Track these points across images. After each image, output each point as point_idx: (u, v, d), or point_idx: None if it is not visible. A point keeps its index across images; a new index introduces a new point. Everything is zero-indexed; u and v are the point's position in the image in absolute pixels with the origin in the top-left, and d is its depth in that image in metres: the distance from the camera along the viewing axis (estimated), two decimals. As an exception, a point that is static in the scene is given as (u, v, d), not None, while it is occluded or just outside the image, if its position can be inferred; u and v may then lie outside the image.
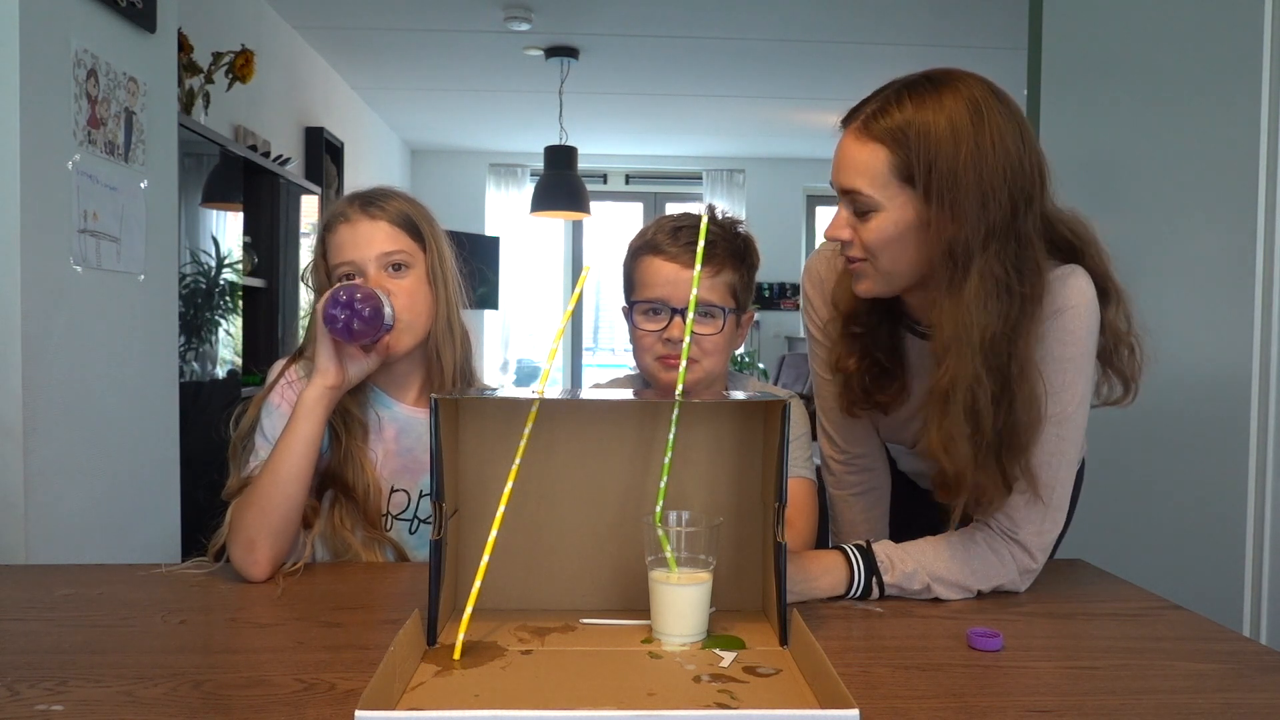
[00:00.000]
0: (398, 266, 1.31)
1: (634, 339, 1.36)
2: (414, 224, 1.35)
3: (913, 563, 1.14)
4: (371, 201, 1.34)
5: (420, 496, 1.35)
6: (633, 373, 1.48)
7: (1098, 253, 1.19)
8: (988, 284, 1.05)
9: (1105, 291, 1.18)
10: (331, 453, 1.29)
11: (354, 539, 1.28)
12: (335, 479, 1.29)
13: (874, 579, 1.14)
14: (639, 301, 1.34)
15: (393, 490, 1.34)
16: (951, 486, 1.11)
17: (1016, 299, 1.06)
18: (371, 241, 1.31)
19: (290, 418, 1.21)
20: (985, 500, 1.13)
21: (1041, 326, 1.10)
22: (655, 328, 1.31)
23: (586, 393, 1.23)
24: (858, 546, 1.16)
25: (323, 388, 1.21)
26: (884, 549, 1.15)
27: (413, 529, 1.35)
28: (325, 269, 1.33)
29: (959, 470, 1.09)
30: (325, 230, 1.34)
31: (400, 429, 1.36)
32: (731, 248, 1.34)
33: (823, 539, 1.50)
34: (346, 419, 1.29)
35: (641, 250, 1.35)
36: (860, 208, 1.10)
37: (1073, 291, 1.13)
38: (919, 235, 1.09)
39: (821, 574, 1.14)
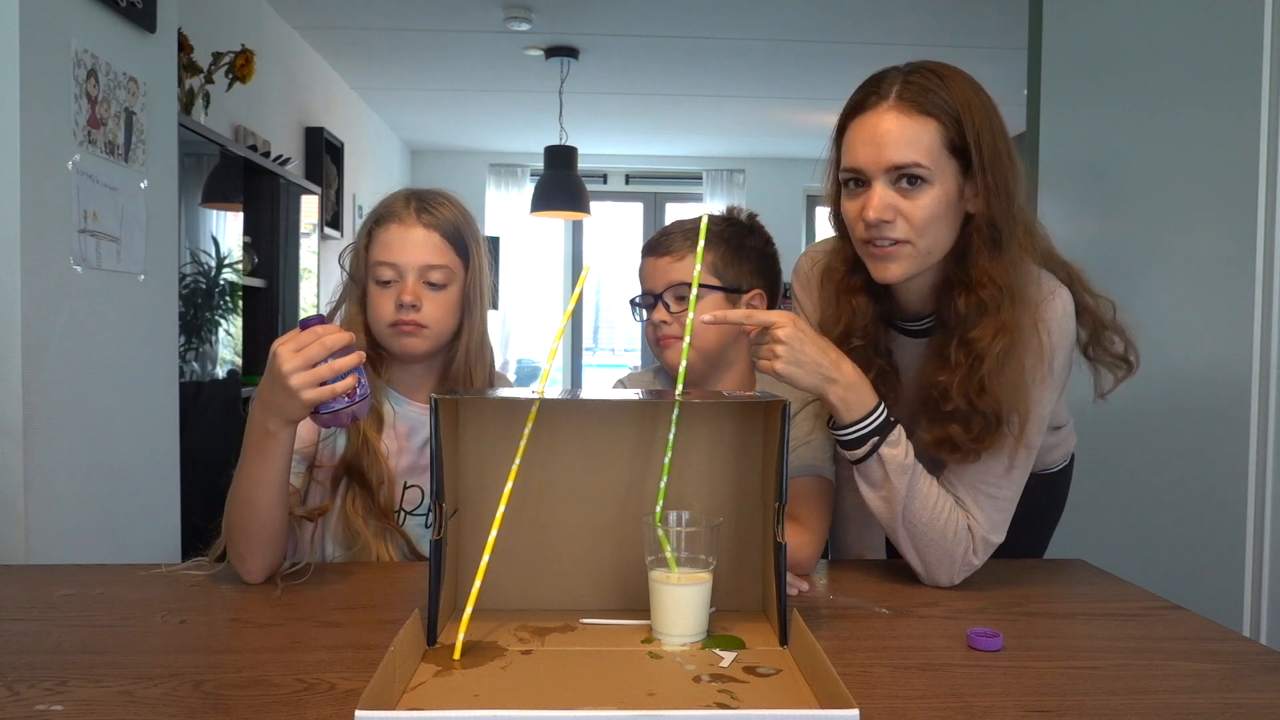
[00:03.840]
0: (434, 284, 1.32)
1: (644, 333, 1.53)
2: (461, 238, 1.36)
3: (911, 475, 1.16)
4: (427, 207, 1.34)
5: None
6: (643, 369, 1.64)
7: (1043, 235, 1.24)
8: (1024, 242, 1.14)
9: (1065, 277, 1.22)
10: (348, 443, 1.29)
11: (365, 528, 1.28)
12: (351, 469, 1.29)
13: (876, 439, 1.15)
14: (635, 298, 1.51)
15: (406, 486, 1.34)
16: (1004, 434, 1.15)
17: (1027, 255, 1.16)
18: (420, 250, 1.32)
19: (254, 450, 1.11)
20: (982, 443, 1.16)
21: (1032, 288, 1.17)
22: (646, 317, 1.47)
23: (587, 393, 1.23)
24: (891, 416, 1.17)
25: (291, 428, 1.11)
26: (904, 441, 1.16)
27: (428, 524, 1.35)
28: (366, 261, 1.34)
29: (1015, 413, 1.14)
30: (375, 223, 1.34)
31: (413, 427, 1.36)
32: (691, 235, 1.42)
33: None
34: None
35: (642, 253, 1.51)
36: (913, 182, 1.11)
37: (1056, 307, 1.17)
38: (956, 208, 1.14)
39: (850, 385, 1.14)
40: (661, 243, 1.45)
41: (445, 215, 1.35)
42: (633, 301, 1.51)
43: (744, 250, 1.43)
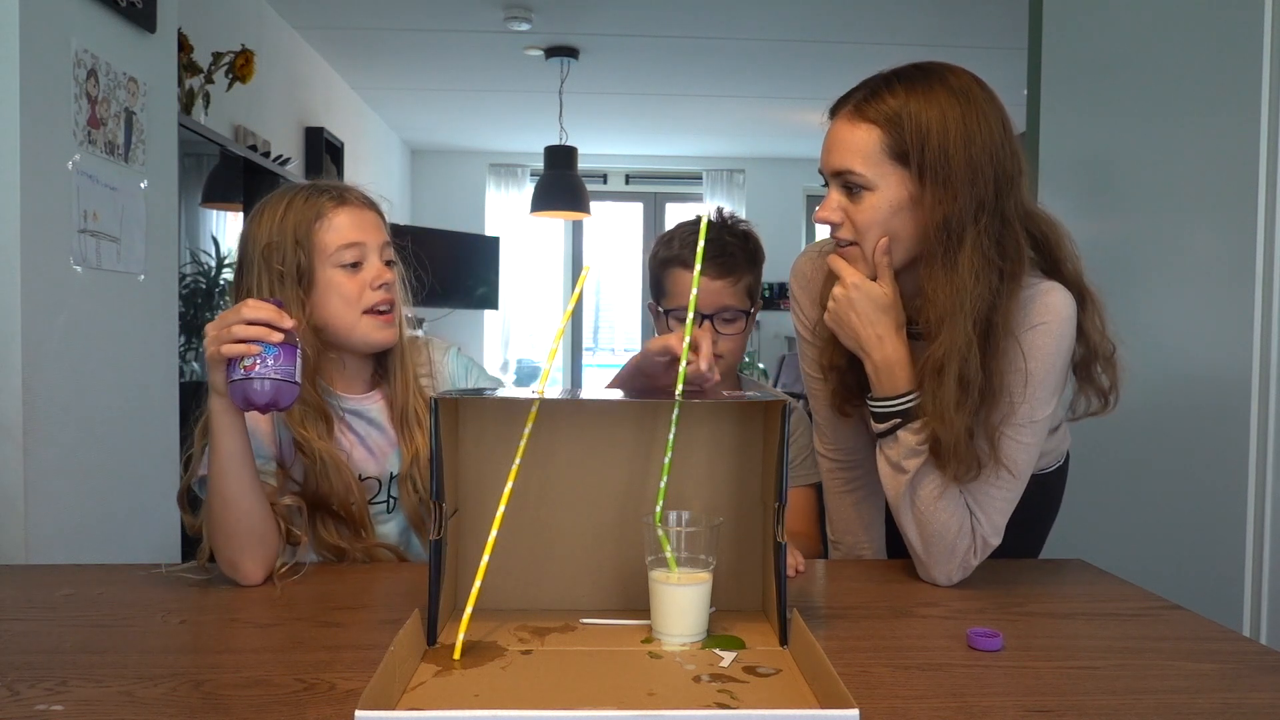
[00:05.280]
0: (389, 262, 1.33)
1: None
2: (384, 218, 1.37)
3: (925, 460, 1.16)
4: (355, 190, 1.34)
5: (391, 479, 1.34)
6: None
7: (1072, 255, 1.23)
8: (978, 256, 1.11)
9: (1079, 297, 1.20)
10: (306, 477, 1.25)
11: (347, 548, 1.27)
12: (312, 499, 1.25)
13: (899, 420, 1.17)
14: (673, 310, 1.51)
15: (362, 478, 1.32)
16: (946, 457, 1.15)
17: (998, 273, 1.12)
18: (377, 229, 1.32)
19: (210, 436, 1.13)
20: (968, 472, 1.16)
21: (1017, 304, 1.15)
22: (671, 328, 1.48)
23: (586, 393, 1.23)
24: (918, 403, 1.17)
25: (226, 401, 1.10)
26: (927, 430, 1.16)
27: (390, 509, 1.34)
28: (310, 252, 1.27)
29: (953, 439, 1.13)
30: (315, 213, 1.28)
31: (353, 419, 1.34)
32: (745, 253, 1.49)
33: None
34: (306, 422, 1.24)
35: (671, 263, 1.51)
36: (853, 188, 1.14)
37: (1051, 308, 1.16)
38: (910, 215, 1.14)
39: (881, 365, 1.17)
40: (725, 263, 1.46)
41: (371, 197, 1.36)
42: (665, 310, 1.51)
43: (761, 267, 1.53)
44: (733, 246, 1.48)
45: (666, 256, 1.52)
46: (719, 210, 1.53)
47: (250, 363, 1.05)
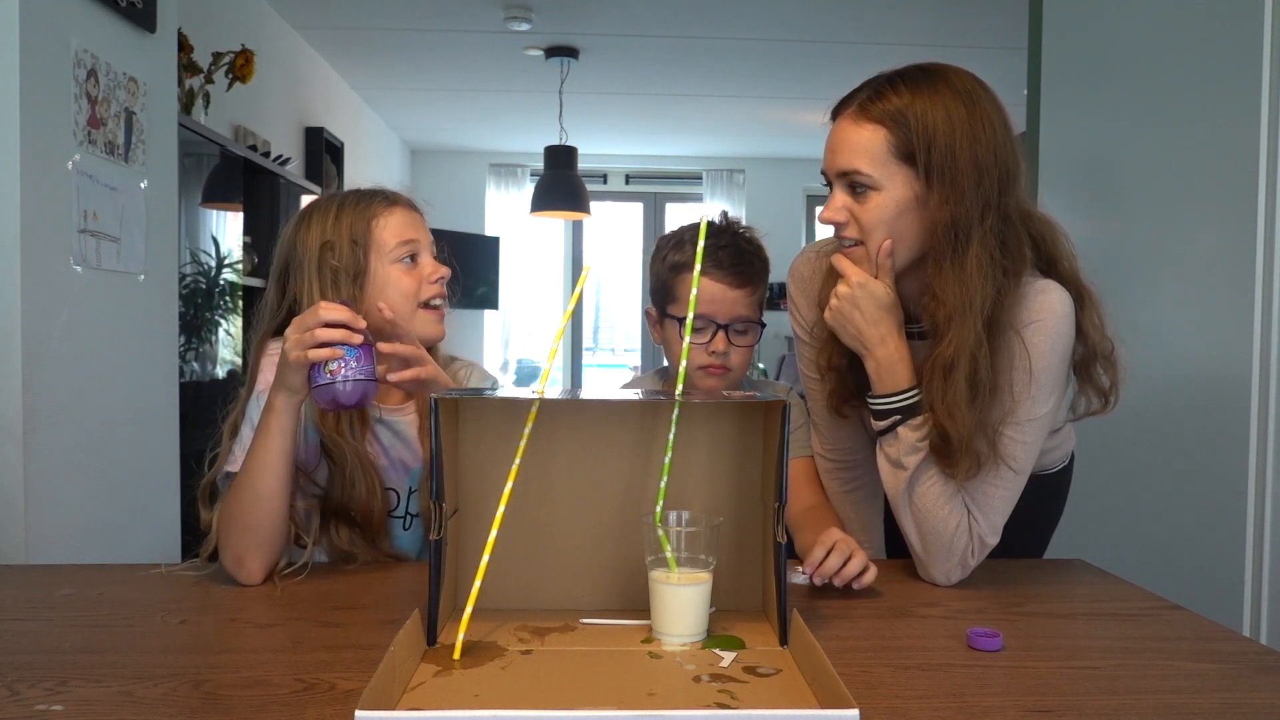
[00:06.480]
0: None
1: (671, 344, 1.46)
2: None
3: (923, 458, 1.17)
4: (405, 195, 1.37)
5: (410, 493, 1.34)
6: (643, 372, 1.55)
7: (1068, 253, 1.23)
8: (985, 256, 1.12)
9: (1077, 296, 1.20)
10: (330, 481, 1.26)
11: (358, 554, 1.27)
12: (334, 506, 1.25)
13: (899, 417, 1.17)
14: (684, 318, 1.42)
15: (384, 488, 1.32)
16: (955, 455, 1.15)
17: (1003, 271, 1.13)
18: (426, 228, 1.36)
19: (260, 430, 1.14)
20: (973, 469, 1.16)
21: (1017, 302, 1.15)
22: (699, 340, 1.40)
23: (587, 393, 1.23)
24: (918, 400, 1.17)
25: (294, 401, 1.13)
26: (927, 427, 1.17)
27: (406, 525, 1.34)
28: (367, 249, 1.29)
29: (963, 436, 1.13)
30: (371, 214, 1.30)
31: (381, 429, 1.34)
32: (761, 264, 1.46)
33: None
34: (340, 424, 1.25)
35: (683, 267, 1.42)
36: (859, 188, 1.14)
37: (1047, 306, 1.16)
38: (916, 215, 1.14)
39: (884, 362, 1.17)
40: (745, 272, 1.40)
41: (414, 200, 1.39)
42: (677, 318, 1.42)
43: (767, 284, 1.49)
44: (750, 256, 1.43)
45: (678, 261, 1.44)
46: (724, 214, 1.49)
47: (335, 366, 1.08)
